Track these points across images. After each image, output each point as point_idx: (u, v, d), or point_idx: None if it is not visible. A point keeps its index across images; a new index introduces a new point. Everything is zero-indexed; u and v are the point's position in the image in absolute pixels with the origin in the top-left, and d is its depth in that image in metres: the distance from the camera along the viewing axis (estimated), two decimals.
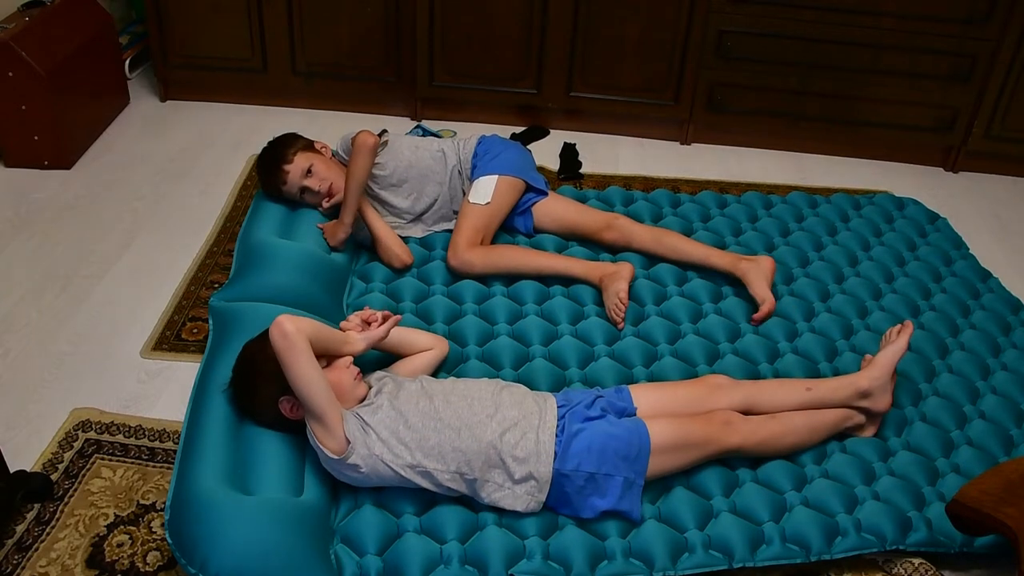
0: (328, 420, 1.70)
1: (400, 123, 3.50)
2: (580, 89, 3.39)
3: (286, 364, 1.66)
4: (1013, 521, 1.64)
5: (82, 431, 2.07)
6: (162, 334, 2.38)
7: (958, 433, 2.09)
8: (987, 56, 3.16)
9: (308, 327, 1.69)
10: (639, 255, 2.58)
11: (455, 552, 1.70)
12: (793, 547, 1.80)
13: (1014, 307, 2.54)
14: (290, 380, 1.68)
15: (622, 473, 1.78)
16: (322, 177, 2.47)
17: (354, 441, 1.71)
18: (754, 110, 3.38)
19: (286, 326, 1.65)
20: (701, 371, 2.20)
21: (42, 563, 1.77)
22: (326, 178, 2.48)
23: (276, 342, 1.66)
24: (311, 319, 1.75)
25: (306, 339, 1.66)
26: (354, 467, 1.73)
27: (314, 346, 1.70)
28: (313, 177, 2.47)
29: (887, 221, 2.89)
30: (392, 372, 1.98)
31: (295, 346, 1.65)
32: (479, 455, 1.75)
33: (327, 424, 1.70)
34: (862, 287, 2.54)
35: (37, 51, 2.89)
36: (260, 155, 2.55)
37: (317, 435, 1.72)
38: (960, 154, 3.40)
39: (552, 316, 2.35)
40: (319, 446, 1.72)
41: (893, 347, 2.05)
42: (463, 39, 3.31)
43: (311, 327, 1.71)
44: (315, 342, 1.71)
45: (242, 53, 3.41)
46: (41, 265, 2.62)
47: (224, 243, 2.74)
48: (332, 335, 1.82)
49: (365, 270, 2.49)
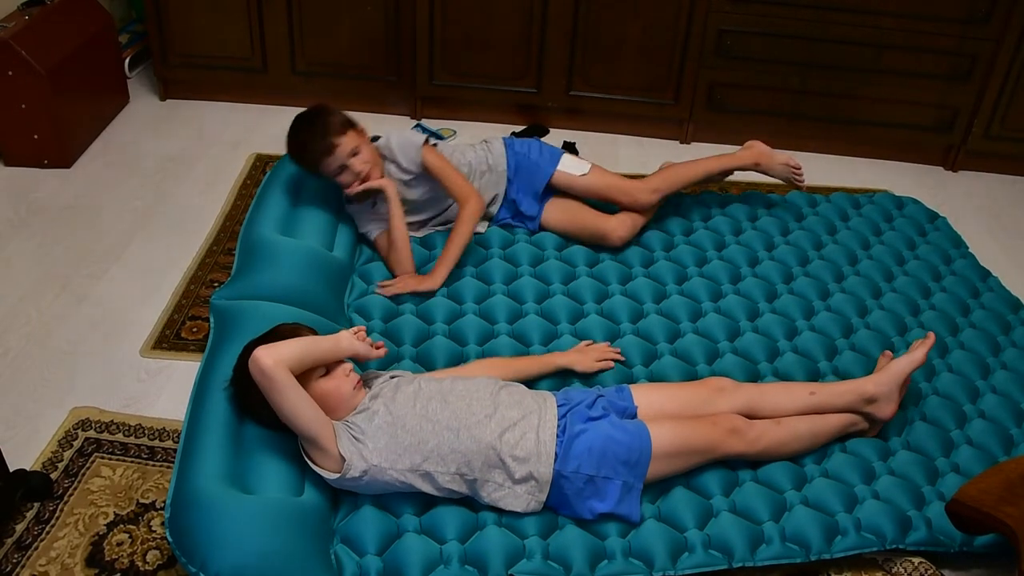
0: (321, 442, 1.68)
1: (400, 122, 3.50)
2: (580, 88, 3.39)
3: (270, 399, 1.63)
4: (1013, 520, 1.65)
5: (82, 430, 2.07)
6: (162, 333, 2.38)
7: (958, 432, 2.09)
8: (987, 56, 3.16)
9: (289, 353, 1.64)
10: (642, 249, 2.60)
11: (455, 552, 1.70)
12: (793, 546, 1.80)
13: (1014, 306, 2.54)
14: (277, 412, 1.65)
15: (621, 477, 1.78)
16: (364, 160, 2.42)
17: (349, 457, 1.70)
18: (754, 109, 3.38)
19: (263, 362, 1.59)
20: (701, 370, 2.20)
21: (42, 562, 1.77)
22: (367, 162, 2.43)
23: (257, 379, 1.62)
24: (295, 339, 1.70)
25: (286, 369, 1.61)
26: (354, 480, 1.72)
27: (304, 364, 1.67)
28: (357, 159, 2.41)
29: (887, 220, 2.89)
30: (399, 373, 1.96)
31: (275, 381, 1.61)
32: (479, 455, 1.75)
33: (321, 446, 1.68)
34: (862, 286, 2.54)
35: (37, 50, 2.89)
36: (304, 121, 2.43)
37: (312, 456, 1.71)
38: (960, 153, 3.40)
39: (552, 315, 2.35)
40: (316, 467, 1.71)
41: (908, 357, 2.02)
42: (463, 38, 3.31)
43: (292, 352, 1.65)
44: (302, 363, 1.67)
45: (242, 52, 3.41)
46: (41, 264, 2.62)
47: (224, 242, 2.74)
48: (319, 346, 1.73)
49: (366, 270, 2.49)
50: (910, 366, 2.02)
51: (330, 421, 1.72)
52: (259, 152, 3.24)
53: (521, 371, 2.06)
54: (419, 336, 2.24)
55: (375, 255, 2.55)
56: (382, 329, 2.26)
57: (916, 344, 2.05)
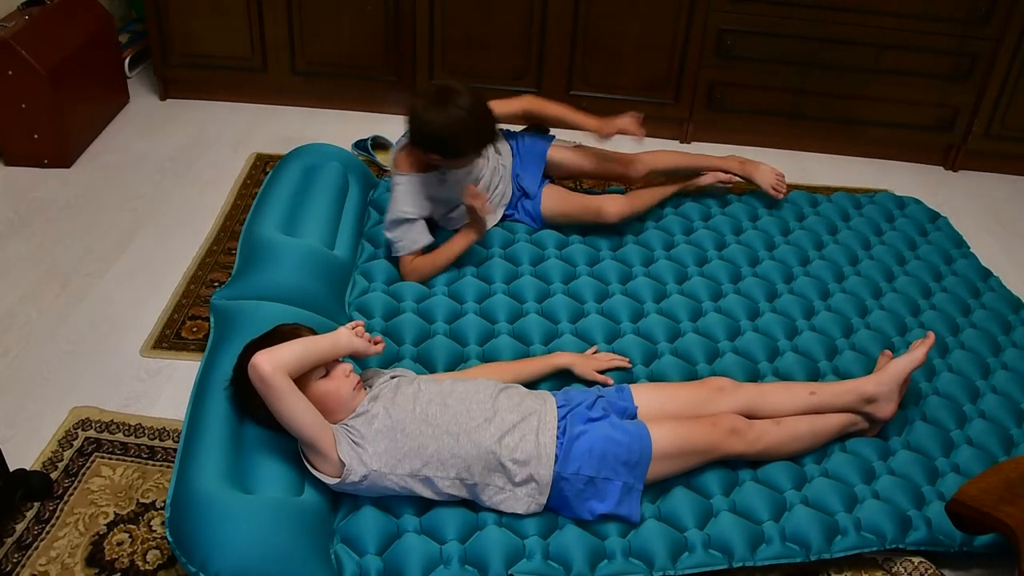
0: (320, 447, 1.68)
1: (400, 122, 3.49)
2: (580, 88, 3.39)
3: (269, 405, 1.63)
4: (1012, 520, 1.65)
5: (82, 429, 2.07)
6: (162, 333, 2.38)
7: (958, 432, 2.09)
8: (987, 55, 3.16)
9: (288, 356, 1.63)
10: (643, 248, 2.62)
11: (455, 552, 1.70)
12: (793, 546, 1.80)
13: (1015, 306, 2.54)
14: (276, 417, 1.66)
15: (621, 478, 1.78)
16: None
17: (349, 461, 1.70)
18: (754, 109, 3.38)
19: (262, 368, 1.59)
20: (701, 370, 2.20)
21: (42, 561, 1.77)
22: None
23: (256, 385, 1.62)
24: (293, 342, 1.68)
25: (285, 374, 1.61)
26: (353, 485, 1.72)
27: (304, 366, 1.67)
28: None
29: (888, 220, 2.89)
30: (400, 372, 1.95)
31: (274, 388, 1.61)
32: (478, 460, 1.74)
33: (320, 450, 1.68)
34: (863, 286, 2.54)
35: (37, 50, 2.89)
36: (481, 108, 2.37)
37: (312, 461, 1.71)
38: (960, 153, 3.40)
39: (552, 314, 2.35)
40: (316, 472, 1.71)
41: (908, 356, 2.02)
42: (463, 38, 3.31)
43: (291, 355, 1.64)
44: (302, 365, 1.66)
45: (242, 52, 3.41)
46: (41, 264, 2.62)
47: (224, 242, 2.74)
48: (318, 346, 1.71)
49: (367, 268, 2.48)
50: (910, 366, 2.02)
51: (330, 426, 1.72)
52: (259, 152, 3.24)
53: (522, 373, 2.06)
54: (420, 335, 2.24)
55: (377, 253, 2.54)
56: (383, 327, 2.26)
57: (916, 344, 2.05)
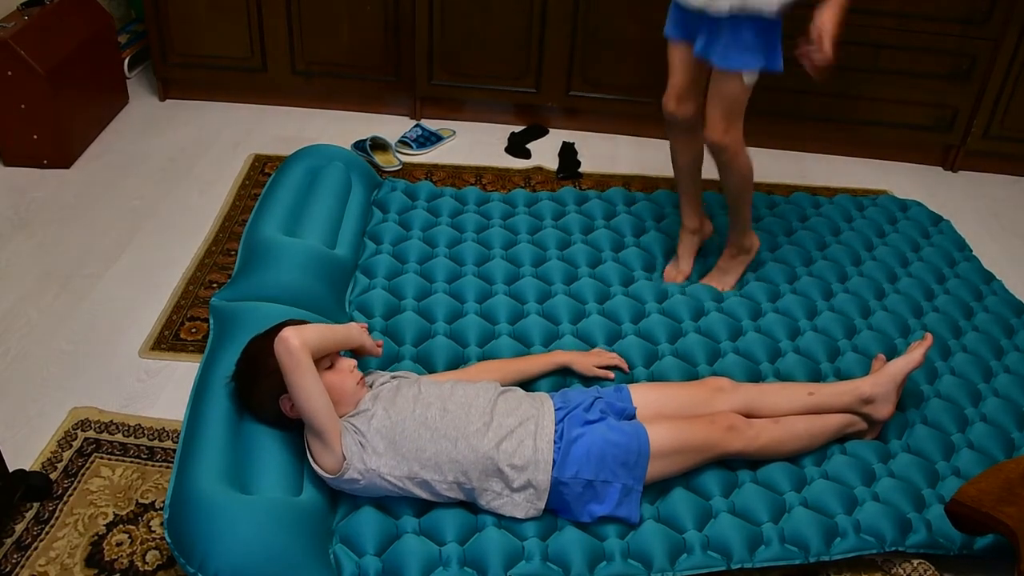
0: (327, 437, 1.69)
1: (400, 122, 3.50)
2: (579, 88, 3.39)
3: (290, 381, 1.66)
4: (1012, 520, 1.64)
5: (81, 430, 2.06)
6: (161, 334, 2.38)
7: (959, 436, 2.08)
8: (987, 56, 3.15)
9: (313, 336, 1.68)
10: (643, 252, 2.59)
11: (454, 554, 1.70)
12: (792, 548, 1.80)
13: (1017, 309, 2.54)
14: (292, 395, 1.68)
15: (620, 480, 1.78)
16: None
17: (350, 457, 1.71)
18: (754, 109, 3.37)
19: (292, 342, 1.63)
20: (702, 370, 2.20)
21: (41, 562, 1.77)
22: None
23: (281, 359, 1.65)
24: (315, 324, 1.75)
25: (309, 354, 1.65)
26: (351, 481, 1.73)
27: (322, 349, 1.71)
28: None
29: (890, 222, 2.89)
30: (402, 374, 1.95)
31: (300, 364, 1.64)
32: (476, 465, 1.74)
33: (326, 440, 1.69)
34: (865, 287, 2.54)
35: (36, 50, 2.88)
36: None
37: (314, 451, 1.72)
38: (959, 153, 3.40)
39: (553, 315, 2.35)
40: (315, 466, 1.72)
41: (906, 358, 2.03)
42: (463, 38, 3.31)
43: (316, 335, 1.69)
44: (321, 348, 1.70)
45: (241, 52, 3.41)
46: (40, 264, 2.61)
47: (223, 243, 2.74)
48: (335, 333, 1.80)
49: (368, 264, 2.48)
50: (908, 367, 2.02)
51: (338, 418, 1.73)
52: (258, 152, 3.24)
53: (522, 371, 2.07)
54: (420, 335, 2.24)
55: (379, 250, 2.53)
56: (383, 327, 2.26)
57: (914, 345, 2.06)
